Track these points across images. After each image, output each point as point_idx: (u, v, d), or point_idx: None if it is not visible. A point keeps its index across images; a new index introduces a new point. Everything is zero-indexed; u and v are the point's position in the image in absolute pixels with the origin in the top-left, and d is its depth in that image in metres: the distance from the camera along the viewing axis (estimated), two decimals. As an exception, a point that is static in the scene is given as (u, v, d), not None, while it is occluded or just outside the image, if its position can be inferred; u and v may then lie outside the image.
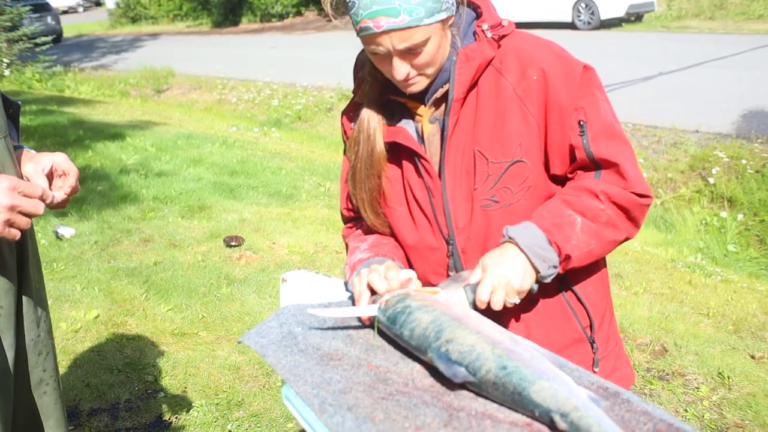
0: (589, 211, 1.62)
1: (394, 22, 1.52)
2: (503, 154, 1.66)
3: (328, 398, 1.31)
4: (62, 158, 1.87)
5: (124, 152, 9.07)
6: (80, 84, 19.49)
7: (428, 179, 1.73)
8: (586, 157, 1.66)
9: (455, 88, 1.64)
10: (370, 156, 1.77)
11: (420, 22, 1.53)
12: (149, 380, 3.93)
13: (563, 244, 1.59)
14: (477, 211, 1.71)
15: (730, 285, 5.61)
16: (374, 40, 1.57)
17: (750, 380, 3.96)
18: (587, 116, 1.65)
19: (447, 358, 1.35)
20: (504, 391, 1.28)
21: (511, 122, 1.66)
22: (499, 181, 1.68)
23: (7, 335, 1.79)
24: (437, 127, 1.73)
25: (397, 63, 1.60)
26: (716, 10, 21.13)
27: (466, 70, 1.64)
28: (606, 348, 1.86)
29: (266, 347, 1.52)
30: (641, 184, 1.66)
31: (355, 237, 1.94)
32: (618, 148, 1.66)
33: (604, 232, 1.64)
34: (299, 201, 7.49)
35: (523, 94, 1.65)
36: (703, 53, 14.85)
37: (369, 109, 1.77)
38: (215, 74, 18.79)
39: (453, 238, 1.75)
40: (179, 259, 5.63)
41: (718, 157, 9.07)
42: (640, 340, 4.45)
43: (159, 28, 34.42)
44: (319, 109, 14.67)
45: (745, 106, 10.75)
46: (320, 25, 28.49)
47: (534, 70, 1.64)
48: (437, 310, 1.47)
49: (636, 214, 1.67)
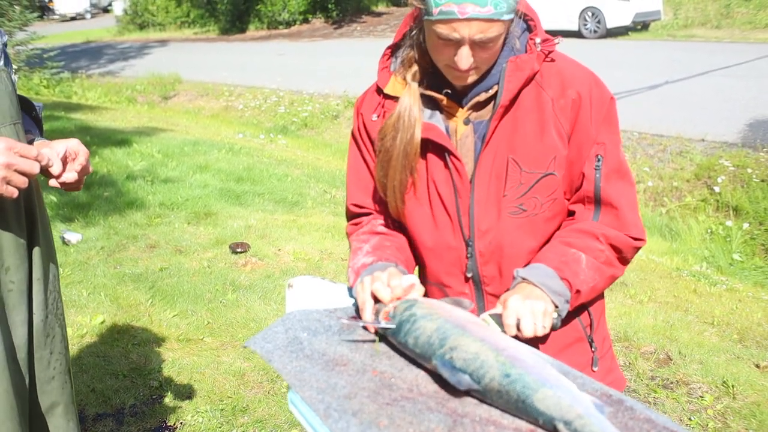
0: (590, 251, 1.68)
1: (480, 11, 1.53)
2: (538, 165, 1.69)
3: (333, 403, 1.32)
4: (74, 143, 1.96)
5: (131, 158, 9.09)
6: (87, 90, 19.53)
7: (458, 179, 1.74)
8: (593, 191, 1.72)
9: (503, 95, 1.66)
10: (407, 147, 1.75)
11: (501, 17, 1.55)
12: (154, 385, 3.94)
13: (573, 280, 1.64)
14: (504, 217, 1.73)
15: (735, 294, 5.60)
16: (452, 26, 1.56)
17: (754, 389, 3.96)
18: (606, 152, 1.70)
19: (451, 366, 1.36)
20: (508, 399, 1.29)
21: (549, 135, 1.69)
22: (530, 190, 1.71)
23: (19, 311, 1.84)
24: (471, 130, 1.75)
25: (465, 52, 1.60)
26: (723, 19, 21.14)
27: (515, 79, 1.66)
28: (602, 348, 1.91)
29: (272, 352, 1.53)
30: (637, 227, 1.73)
31: (358, 236, 1.92)
32: (624, 189, 1.73)
33: (604, 269, 1.70)
34: (305, 208, 7.51)
35: (560, 111, 1.69)
36: (710, 62, 14.85)
37: (411, 99, 1.75)
38: (222, 81, 18.83)
39: (473, 240, 1.76)
40: (185, 265, 5.64)
41: (724, 166, 9.07)
42: (644, 349, 4.45)
43: (166, 34, 34.48)
44: (325, 116, 14.70)
45: (751, 115, 10.75)
46: (327, 33, 28.55)
47: (573, 91, 1.68)
48: (441, 318, 1.47)
49: (627, 255, 1.75)
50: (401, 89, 1.77)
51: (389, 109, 1.79)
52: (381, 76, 1.82)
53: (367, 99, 1.89)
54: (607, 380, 1.86)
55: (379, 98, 1.83)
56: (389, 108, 1.80)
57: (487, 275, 1.79)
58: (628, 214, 1.71)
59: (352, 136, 1.94)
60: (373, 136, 1.85)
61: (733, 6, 21.80)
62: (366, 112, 1.87)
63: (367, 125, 1.87)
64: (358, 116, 1.90)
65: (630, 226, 1.71)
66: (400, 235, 1.93)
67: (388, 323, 1.53)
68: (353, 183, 1.96)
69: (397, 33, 1.80)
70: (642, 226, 1.74)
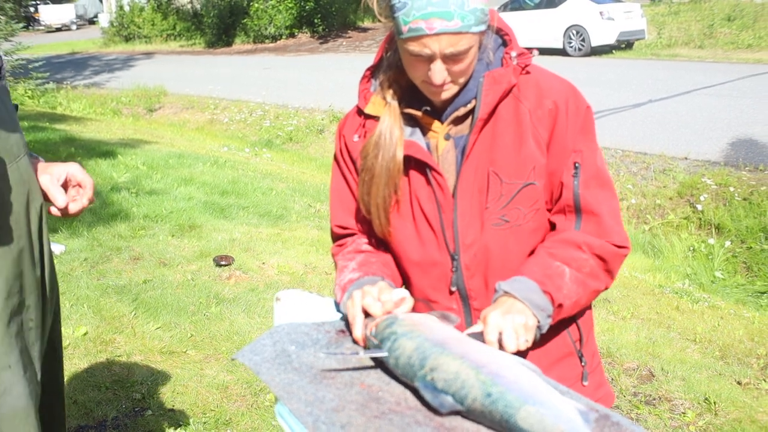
0: (574, 262, 1.68)
1: (447, 25, 1.55)
2: (518, 175, 1.71)
3: (321, 416, 1.32)
4: (77, 169, 1.91)
5: (115, 170, 9.06)
6: (72, 101, 19.45)
7: (440, 194, 1.75)
8: (572, 198, 1.72)
9: (481, 108, 1.68)
10: (389, 165, 1.76)
11: (469, 29, 1.58)
12: (137, 398, 3.92)
13: (556, 294, 1.63)
14: (487, 229, 1.74)
15: (717, 311, 5.64)
16: (422, 42, 1.59)
17: (736, 406, 3.98)
18: (583, 160, 1.71)
19: (433, 387, 1.36)
20: (492, 419, 1.29)
21: (527, 146, 1.70)
22: (511, 201, 1.72)
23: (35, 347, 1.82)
24: (452, 144, 1.76)
25: (438, 67, 1.62)
26: (706, 39, 21.35)
27: (492, 92, 1.68)
28: (592, 362, 1.92)
29: (260, 364, 1.53)
30: (620, 235, 1.72)
31: (344, 255, 1.93)
32: (604, 196, 1.73)
33: (588, 282, 1.70)
34: (289, 222, 7.50)
35: (537, 122, 1.70)
36: (693, 81, 14.99)
37: (391, 117, 1.77)
38: (207, 94, 18.80)
39: (458, 254, 1.77)
40: (169, 278, 5.62)
41: (707, 184, 9.14)
42: (627, 365, 4.47)
43: (152, 47, 34.42)
44: (310, 130, 14.70)
45: (733, 134, 10.85)
46: (313, 47, 28.60)
47: (549, 101, 1.70)
48: (422, 336, 1.47)
49: (612, 265, 1.74)
50: (382, 108, 1.79)
51: (370, 129, 1.81)
52: (361, 98, 1.84)
53: (348, 121, 1.90)
54: (597, 395, 1.87)
55: (360, 119, 1.85)
56: (370, 128, 1.81)
57: (473, 288, 1.80)
58: (609, 221, 1.71)
59: (335, 159, 1.96)
60: (355, 157, 1.86)
61: (716, 26, 22.03)
62: (348, 134, 1.89)
63: (349, 146, 1.88)
64: (341, 138, 1.91)
65: (612, 233, 1.71)
66: (385, 254, 1.93)
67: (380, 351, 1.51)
68: (336, 205, 1.97)
69: (376, 55, 1.84)
70: (625, 233, 1.74)
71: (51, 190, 1.82)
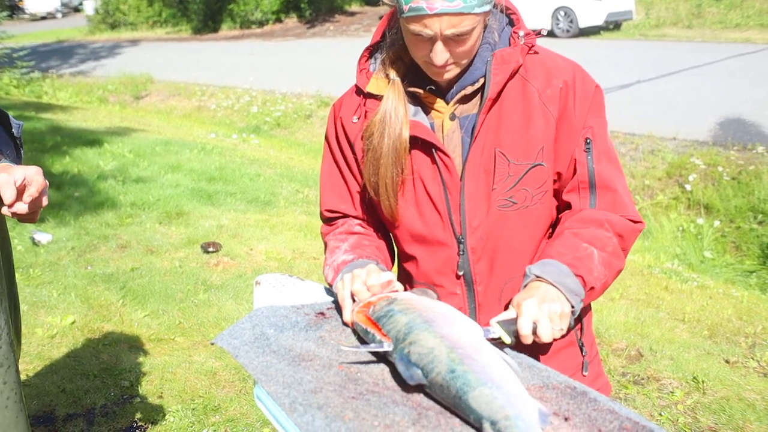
0: (598, 242, 1.64)
1: (449, 5, 1.52)
2: (525, 156, 1.69)
3: (299, 398, 1.31)
4: (32, 171, 1.79)
5: (102, 158, 9.03)
6: (58, 90, 19.37)
7: (447, 176, 1.72)
8: (587, 174, 1.70)
9: (491, 88, 1.66)
10: (396, 144, 1.73)
11: (471, 10, 1.54)
12: (125, 386, 3.92)
13: (588, 277, 1.60)
14: (493, 211, 1.71)
15: (705, 291, 5.65)
16: (422, 22, 1.56)
17: (724, 384, 4.00)
18: (594, 135, 1.70)
19: (407, 360, 1.36)
20: (448, 394, 1.28)
21: (536, 126, 1.68)
22: (519, 182, 1.70)
23: None
24: (457, 124, 1.73)
25: (439, 48, 1.59)
26: (694, 18, 21.34)
27: (501, 72, 1.66)
28: (591, 352, 1.90)
29: (239, 348, 1.52)
30: (634, 210, 1.71)
31: (335, 235, 1.90)
32: (616, 173, 1.72)
33: (612, 261, 1.66)
34: (277, 207, 7.49)
35: (548, 101, 1.68)
36: (681, 61, 14.99)
37: (396, 95, 1.73)
38: (194, 81, 18.75)
39: (465, 237, 1.74)
40: (156, 265, 5.61)
41: (695, 164, 9.15)
42: (615, 345, 4.47)
43: (138, 34, 34.22)
44: (298, 116, 14.67)
45: (721, 113, 10.86)
46: (300, 32, 28.49)
47: (559, 80, 1.69)
48: (415, 312, 1.47)
49: (628, 242, 1.71)
50: (384, 87, 1.75)
51: (371, 109, 1.77)
52: (360, 77, 1.79)
53: (345, 102, 1.85)
54: (596, 385, 1.85)
55: (360, 99, 1.80)
56: (371, 108, 1.77)
57: (479, 273, 1.76)
58: (625, 197, 1.71)
59: (327, 141, 1.92)
60: (353, 139, 1.82)
61: (704, 6, 22.01)
62: (345, 115, 1.83)
63: (347, 128, 1.83)
64: (336, 120, 1.87)
65: (627, 208, 1.70)
66: (379, 239, 1.92)
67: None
68: (327, 188, 1.94)
69: (376, 33, 1.79)
70: (636, 209, 1.72)
71: (3, 189, 1.76)
